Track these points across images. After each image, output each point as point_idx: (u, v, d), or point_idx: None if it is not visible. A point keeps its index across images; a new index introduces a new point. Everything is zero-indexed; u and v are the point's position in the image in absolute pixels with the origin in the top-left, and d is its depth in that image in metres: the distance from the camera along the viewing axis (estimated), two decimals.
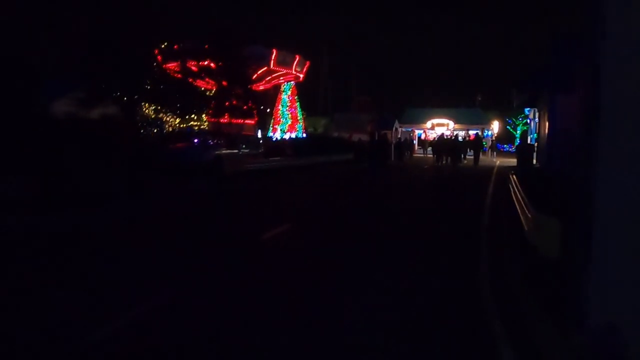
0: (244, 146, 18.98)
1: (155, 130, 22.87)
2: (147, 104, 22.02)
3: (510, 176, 12.56)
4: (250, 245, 7.39)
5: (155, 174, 14.29)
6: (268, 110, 48.95)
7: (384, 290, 5.32)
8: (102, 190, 11.60)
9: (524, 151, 20.23)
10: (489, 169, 24.83)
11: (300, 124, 42.26)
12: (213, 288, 5.35)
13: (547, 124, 19.27)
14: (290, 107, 40.77)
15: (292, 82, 37.98)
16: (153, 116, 26.44)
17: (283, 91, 38.55)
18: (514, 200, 10.05)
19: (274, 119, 41.69)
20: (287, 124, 40.95)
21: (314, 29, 65.60)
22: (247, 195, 12.93)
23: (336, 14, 74.74)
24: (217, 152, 16.98)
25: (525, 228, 6.56)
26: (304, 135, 39.70)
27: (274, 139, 38.44)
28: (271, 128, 41.69)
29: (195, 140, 18.31)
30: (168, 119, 37.49)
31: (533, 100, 22.79)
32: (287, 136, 38.83)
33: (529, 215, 6.29)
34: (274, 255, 6.93)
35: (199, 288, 5.33)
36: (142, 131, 19.43)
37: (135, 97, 17.61)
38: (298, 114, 42.21)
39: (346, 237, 8.11)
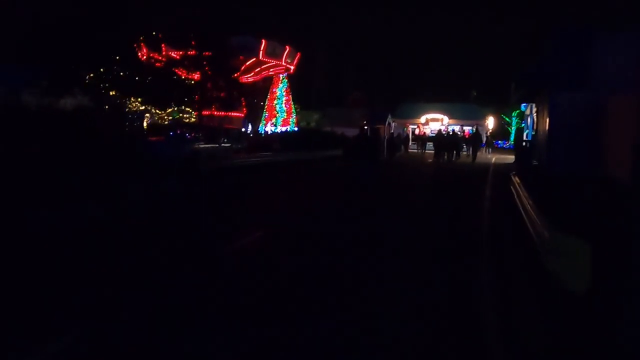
0: (225, 140, 17.54)
1: (136, 124, 21.40)
2: (127, 96, 20.53)
3: (512, 177, 11.25)
4: (209, 262, 6.03)
5: (125, 170, 12.87)
6: (262, 103, 47.65)
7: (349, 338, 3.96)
8: (53, 190, 10.20)
9: (523, 149, 18.93)
10: (486, 166, 23.53)
11: (293, 118, 41.07)
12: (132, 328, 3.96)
13: (547, 120, 18.01)
14: (285, 101, 39.61)
15: (284, 75, 36.63)
16: (134, 108, 25.06)
17: (281, 83, 37.34)
18: (518, 206, 8.74)
19: (266, 112, 40.43)
20: (282, 118, 39.81)
21: (306, 22, 63.99)
22: (219, 197, 11.33)
23: (330, 6, 73.04)
24: (194, 147, 15.56)
25: (540, 250, 5.22)
26: (296, 129, 38.32)
27: (263, 133, 37.10)
28: (263, 121, 40.44)
29: (171, 134, 16.91)
30: (155, 111, 36.02)
31: (532, 95, 21.51)
32: (278, 130, 37.59)
33: (545, 235, 4.94)
34: (235, 276, 5.55)
35: (112, 330, 3.92)
36: (120, 123, 17.87)
37: (105, 85, 16.16)
38: (292, 108, 41.02)
39: (319, 251, 6.75)
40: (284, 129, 37.84)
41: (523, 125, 59.29)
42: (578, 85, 17.17)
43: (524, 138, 36.21)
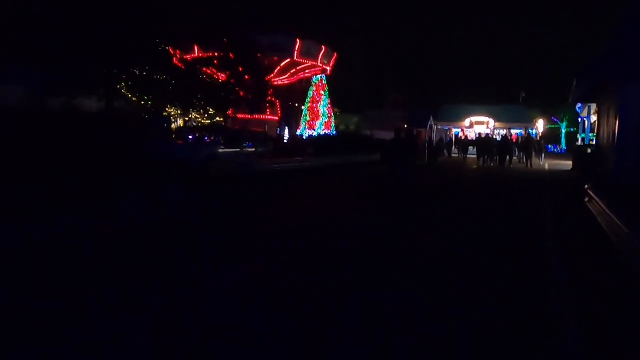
0: (247, 144, 15.77)
1: (164, 126, 20.00)
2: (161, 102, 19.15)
3: (589, 192, 8.84)
4: (190, 306, 4.14)
5: (133, 175, 11.32)
6: (297, 105, 46.00)
7: None
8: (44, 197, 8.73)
9: (586, 155, 16.18)
10: (540, 174, 20.64)
11: (333, 122, 39.33)
12: None
13: (616, 122, 15.27)
14: (321, 103, 38.01)
15: (321, 76, 34.86)
16: (172, 113, 23.80)
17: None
18: (601, 235, 6.40)
19: (307, 115, 38.84)
20: (324, 121, 38.26)
21: (345, 24, 62.03)
22: (215, 213, 9.20)
23: (369, 8, 70.79)
24: (212, 151, 13.87)
25: None
26: (333, 133, 36.41)
27: (300, 137, 35.40)
28: (305, 125, 38.82)
29: (190, 137, 15.31)
30: (194, 115, 34.96)
31: (595, 93, 18.66)
32: (321, 133, 35.89)
33: None
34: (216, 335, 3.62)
35: None
36: (140, 126, 16.45)
37: (117, 86, 14.76)
38: (332, 111, 39.32)
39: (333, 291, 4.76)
40: (325, 132, 36.22)
41: (573, 129, 55.07)
42: None
43: (581, 143, 32.81)
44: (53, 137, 11.39)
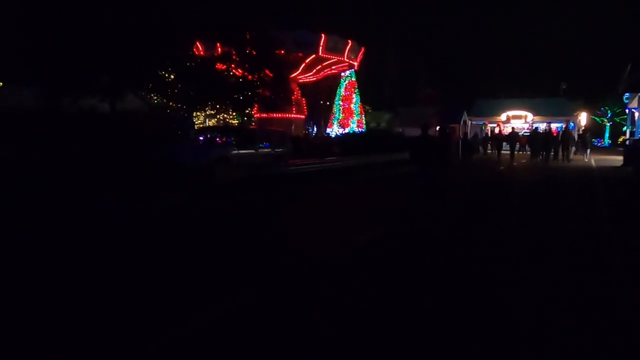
0: (263, 145, 14.50)
1: (184, 127, 18.99)
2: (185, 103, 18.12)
3: None
4: None
5: (131, 180, 10.23)
6: (324, 102, 44.54)
7: None
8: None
9: None
10: (587, 172, 18.43)
11: (363, 120, 37.84)
12: None
13: None
14: (349, 100, 36.57)
15: (349, 72, 33.36)
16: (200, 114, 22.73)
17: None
18: None
19: (341, 114, 37.47)
20: (357, 119, 36.91)
21: (375, 18, 60.25)
22: (218, 223, 7.89)
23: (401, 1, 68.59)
24: (223, 153, 12.64)
25: None
26: (360, 130, 34.81)
27: (328, 135, 34.07)
28: (337, 123, 37.49)
29: (200, 138, 14.15)
30: (223, 115, 34.12)
31: None
32: (344, 131, 34.47)
33: None
34: None
35: None
36: (151, 127, 15.45)
37: (120, 87, 13.78)
38: (362, 109, 37.83)
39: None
40: (355, 130, 34.78)
41: (618, 121, 51.34)
42: None
43: (629, 136, 29.99)
44: (55, 139, 10.50)
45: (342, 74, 33.84)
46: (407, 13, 62.44)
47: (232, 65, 16.97)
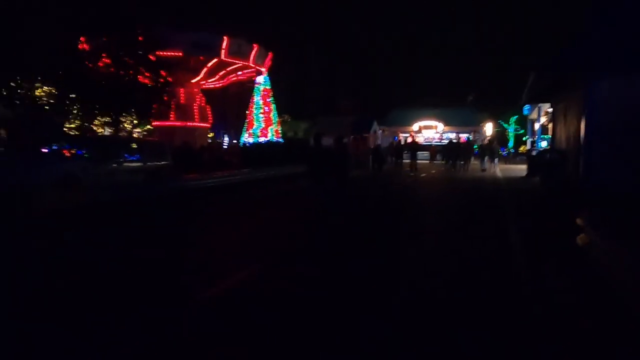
0: (132, 158, 11.84)
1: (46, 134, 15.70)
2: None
3: (584, 227, 5.53)
4: None
5: None
6: (246, 112, 41.88)
7: None
8: None
9: (548, 162, 13.17)
10: (493, 184, 17.61)
11: (273, 128, 35.52)
12: None
13: (582, 121, 12.35)
14: (264, 108, 34.14)
15: (264, 79, 30.96)
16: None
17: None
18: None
19: (249, 121, 34.91)
20: (260, 128, 34.40)
21: (298, 26, 58.69)
22: None
23: (323, 12, 67.72)
24: (72, 169, 9.89)
25: None
26: (278, 140, 32.57)
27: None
28: (252, 132, 34.90)
29: (45, 150, 11.22)
30: (125, 125, 30.26)
31: (552, 91, 15.84)
32: (258, 140, 32.08)
33: None
34: None
35: None
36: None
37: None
38: (271, 117, 35.47)
39: None
40: (268, 140, 32.40)
41: (522, 131, 53.59)
42: (630, 69, 11.55)
43: (532, 147, 30.45)
44: None
45: (256, 81, 31.49)
46: (329, 23, 61.47)
47: (100, 64, 14.12)
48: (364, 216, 10.20)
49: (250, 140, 32.47)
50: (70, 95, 13.72)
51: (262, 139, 32.22)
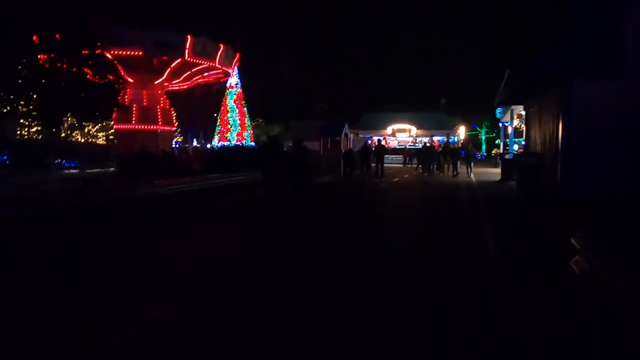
0: (65, 164, 10.41)
1: None
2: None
3: (580, 250, 4.45)
4: None
5: None
6: (215, 115, 40.39)
7: None
8: None
9: (523, 166, 12.28)
10: (468, 188, 16.72)
11: (248, 132, 34.06)
12: None
13: (559, 124, 11.51)
14: (236, 112, 32.65)
15: (236, 83, 29.47)
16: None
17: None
18: None
19: (219, 125, 33.42)
20: (236, 132, 32.95)
21: (272, 31, 57.45)
22: None
23: (298, 16, 66.66)
24: None
25: None
26: (249, 144, 31.15)
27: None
28: (217, 136, 33.41)
29: None
30: (89, 128, 28.42)
31: (526, 93, 15.06)
32: (228, 144, 30.62)
33: None
34: None
35: None
36: None
37: None
38: (245, 121, 34.04)
39: None
40: (239, 144, 30.96)
41: (494, 134, 53.60)
42: (609, 71, 10.77)
43: (505, 150, 29.88)
44: None
45: (229, 84, 29.95)
46: (303, 27, 60.46)
47: (42, 56, 12.63)
48: (312, 241, 8.92)
49: (222, 144, 31.03)
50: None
51: (237, 143, 30.78)
